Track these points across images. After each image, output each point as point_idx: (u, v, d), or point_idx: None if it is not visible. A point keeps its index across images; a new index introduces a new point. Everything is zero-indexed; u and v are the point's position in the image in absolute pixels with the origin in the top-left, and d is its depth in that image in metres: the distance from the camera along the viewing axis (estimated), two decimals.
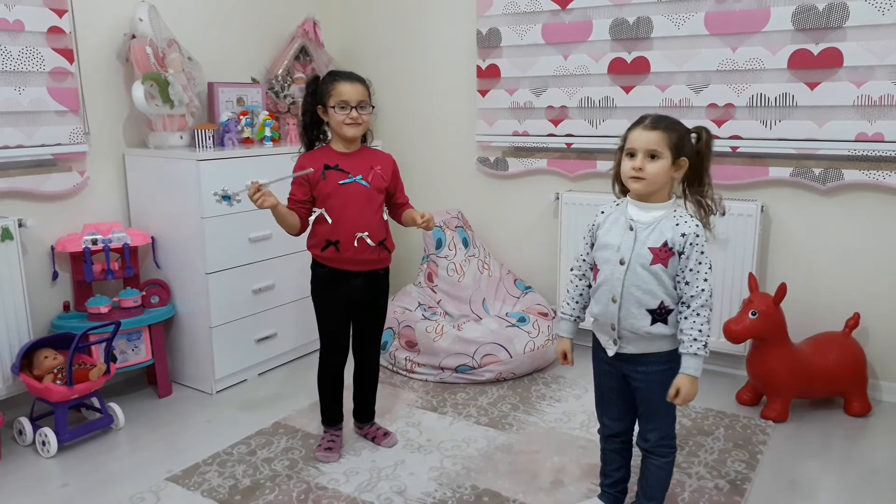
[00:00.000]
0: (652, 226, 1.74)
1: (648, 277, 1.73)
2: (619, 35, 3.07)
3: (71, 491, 2.24)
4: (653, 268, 1.72)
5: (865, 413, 2.69)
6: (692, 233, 1.71)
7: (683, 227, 1.72)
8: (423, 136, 3.76)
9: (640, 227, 1.75)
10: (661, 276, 1.73)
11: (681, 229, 1.72)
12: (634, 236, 1.75)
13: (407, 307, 3.30)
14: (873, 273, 2.79)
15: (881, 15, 2.58)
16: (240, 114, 3.17)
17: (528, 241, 3.53)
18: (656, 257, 1.72)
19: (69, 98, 2.74)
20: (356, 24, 3.88)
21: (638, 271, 1.74)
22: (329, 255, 2.26)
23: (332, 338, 2.37)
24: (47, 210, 2.75)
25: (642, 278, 1.74)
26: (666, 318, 1.75)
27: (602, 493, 2.06)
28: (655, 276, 1.73)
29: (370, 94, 2.25)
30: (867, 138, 2.68)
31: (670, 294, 1.75)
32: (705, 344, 1.72)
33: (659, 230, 1.73)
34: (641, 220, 1.76)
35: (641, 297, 1.74)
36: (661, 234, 1.73)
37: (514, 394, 2.92)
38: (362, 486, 2.24)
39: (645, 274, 1.73)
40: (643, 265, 1.73)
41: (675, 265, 1.73)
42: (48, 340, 2.60)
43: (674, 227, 1.72)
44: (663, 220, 1.74)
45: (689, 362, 1.72)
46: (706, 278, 1.71)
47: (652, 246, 1.73)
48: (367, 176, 2.25)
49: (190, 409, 2.83)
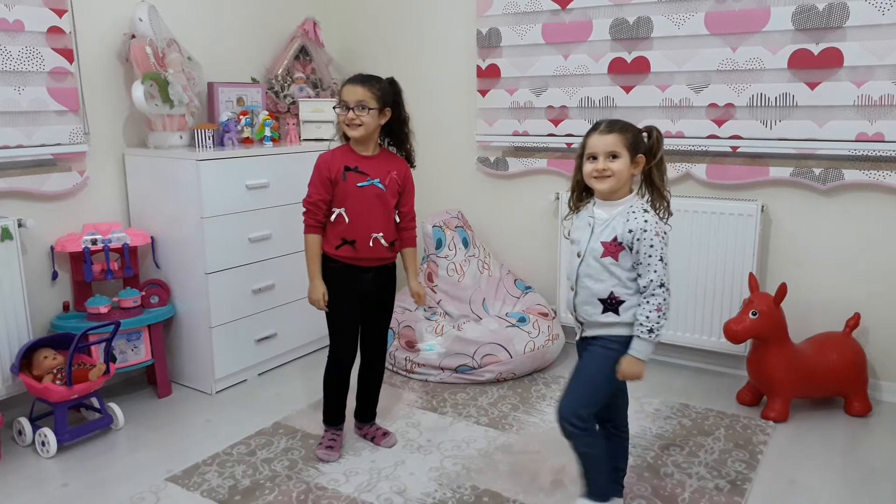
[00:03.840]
0: (607, 222, 1.89)
1: (599, 269, 1.88)
2: (619, 35, 3.07)
3: (71, 491, 2.24)
4: (603, 260, 1.87)
5: (865, 413, 2.69)
6: (639, 228, 1.83)
7: (632, 223, 1.84)
8: (423, 135, 3.70)
9: (598, 224, 1.90)
10: (612, 269, 1.86)
11: (629, 225, 1.84)
12: (591, 231, 1.90)
13: (407, 307, 3.30)
14: (873, 273, 2.79)
15: (881, 15, 2.58)
16: (240, 114, 3.17)
17: (528, 241, 3.52)
18: (606, 251, 1.86)
19: (69, 98, 2.74)
20: (356, 24, 3.88)
21: (591, 263, 1.89)
22: (343, 254, 2.30)
23: (342, 337, 2.38)
24: (47, 210, 2.75)
25: (594, 269, 1.89)
26: (617, 308, 1.88)
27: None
28: (606, 268, 1.87)
29: (378, 95, 2.24)
30: (867, 138, 2.68)
31: (624, 286, 1.86)
32: (650, 329, 1.82)
33: (612, 226, 1.87)
34: (600, 217, 1.91)
35: (592, 286, 1.89)
36: (613, 230, 1.86)
37: (514, 394, 2.92)
38: (362, 486, 2.24)
39: (596, 265, 1.88)
40: (595, 258, 1.88)
41: (628, 259, 1.86)
42: (48, 340, 2.60)
43: (624, 223, 1.85)
44: (618, 216, 1.87)
45: (634, 344, 1.85)
46: (656, 269, 1.82)
47: (604, 240, 1.87)
48: (384, 180, 2.30)
49: (190, 409, 2.83)
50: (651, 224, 1.83)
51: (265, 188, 3.03)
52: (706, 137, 2.98)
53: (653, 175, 1.91)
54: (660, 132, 1.90)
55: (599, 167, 1.85)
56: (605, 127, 1.88)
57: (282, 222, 3.08)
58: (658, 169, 1.90)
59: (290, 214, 2.83)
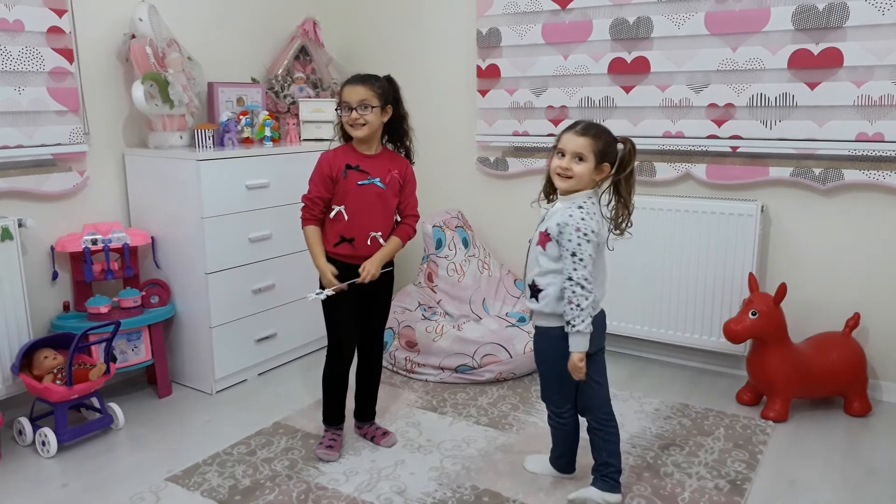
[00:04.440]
0: (551, 214, 1.99)
1: (533, 256, 2.01)
2: (619, 35, 3.07)
3: (71, 491, 2.24)
4: (536, 248, 1.99)
5: (865, 413, 2.69)
6: (563, 222, 1.91)
7: (560, 217, 1.93)
8: (423, 135, 3.70)
9: (548, 215, 2.00)
10: (539, 258, 1.98)
11: (557, 219, 1.93)
12: (541, 220, 2.01)
13: (407, 307, 3.30)
14: (873, 273, 2.79)
15: (881, 15, 2.58)
16: (240, 114, 3.18)
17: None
18: (540, 240, 1.98)
19: (69, 98, 2.74)
20: (356, 24, 3.88)
21: (532, 250, 2.02)
22: (342, 252, 2.31)
23: (341, 336, 2.38)
24: (47, 210, 2.75)
25: (531, 257, 2.02)
26: (537, 295, 1.99)
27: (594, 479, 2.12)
28: (536, 255, 1.99)
29: (379, 94, 2.25)
30: (867, 138, 2.68)
31: (543, 275, 1.97)
32: (568, 322, 1.91)
33: (552, 218, 1.96)
34: (551, 209, 2.00)
35: (528, 273, 2.03)
36: (549, 222, 1.96)
37: (514, 394, 2.92)
38: (362, 486, 2.24)
39: (533, 254, 2.01)
40: (532, 244, 2.01)
41: (555, 250, 1.94)
42: (48, 340, 2.60)
43: (557, 217, 1.94)
44: (560, 210, 1.96)
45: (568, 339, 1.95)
46: (575, 267, 1.90)
47: (541, 230, 1.99)
48: (384, 179, 2.31)
49: (190, 409, 2.83)
50: (575, 219, 1.90)
51: (265, 188, 3.03)
52: (706, 137, 2.98)
53: (620, 186, 1.98)
54: (634, 146, 1.96)
55: (563, 165, 1.93)
56: (581, 129, 1.93)
57: (282, 222, 3.08)
58: (627, 182, 1.97)
59: (291, 214, 2.83)
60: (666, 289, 3.06)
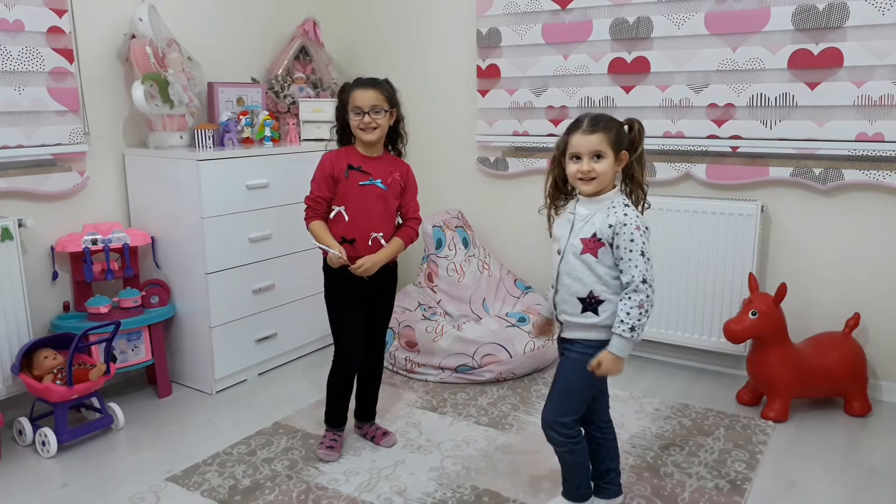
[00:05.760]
0: (587, 218, 1.84)
1: (579, 266, 1.83)
2: (619, 35, 3.07)
3: (71, 491, 2.24)
4: (583, 257, 1.82)
5: (865, 413, 2.69)
6: (619, 223, 1.78)
7: (612, 217, 1.80)
8: (423, 135, 3.75)
9: (578, 220, 1.86)
10: (593, 266, 1.81)
11: (609, 220, 1.80)
12: (571, 228, 1.86)
13: (407, 307, 3.30)
14: (873, 273, 2.79)
15: (881, 15, 2.58)
16: (240, 114, 3.18)
17: (528, 241, 3.52)
18: (586, 247, 1.81)
19: (69, 98, 2.74)
20: (356, 24, 3.88)
21: (570, 260, 1.84)
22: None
23: (348, 339, 2.38)
24: (47, 210, 2.75)
25: (574, 267, 1.84)
26: (596, 308, 1.83)
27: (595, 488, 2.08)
28: (587, 265, 1.82)
29: (388, 97, 2.27)
30: (867, 138, 2.68)
31: (605, 283, 1.82)
32: (632, 327, 1.77)
33: (592, 222, 1.82)
34: (581, 213, 1.86)
35: (572, 284, 1.84)
36: (593, 226, 1.81)
37: (514, 394, 2.92)
38: (362, 486, 2.24)
39: (576, 263, 1.83)
40: (575, 254, 1.83)
41: (609, 255, 1.80)
42: (48, 340, 2.60)
43: (604, 219, 1.80)
44: (598, 212, 1.83)
45: (613, 341, 1.80)
46: (637, 265, 1.77)
47: (584, 237, 1.82)
48: (386, 180, 2.31)
49: (190, 410, 2.83)
50: (631, 218, 1.79)
51: (265, 188, 3.03)
52: (706, 137, 2.98)
53: (632, 169, 1.86)
54: (641, 125, 1.86)
55: (584, 169, 1.80)
56: (589, 125, 1.80)
57: (282, 222, 3.08)
58: (638, 163, 1.86)
59: (291, 214, 2.83)
60: (666, 289, 3.06)
